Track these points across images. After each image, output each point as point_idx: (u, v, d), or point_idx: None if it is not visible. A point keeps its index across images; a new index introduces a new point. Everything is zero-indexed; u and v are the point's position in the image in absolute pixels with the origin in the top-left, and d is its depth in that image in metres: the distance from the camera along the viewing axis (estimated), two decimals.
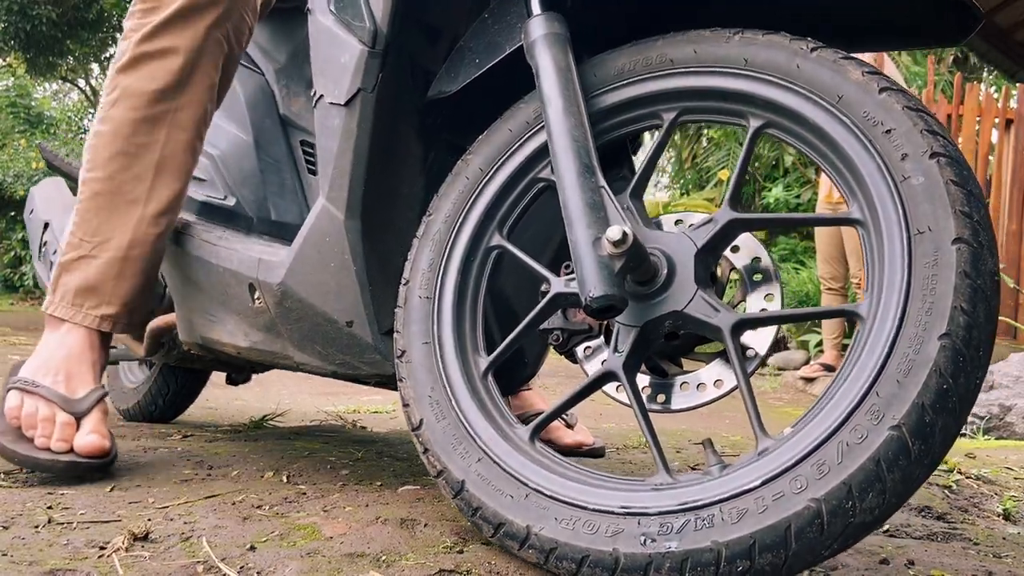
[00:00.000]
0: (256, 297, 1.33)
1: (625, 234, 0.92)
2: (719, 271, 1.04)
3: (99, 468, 1.30)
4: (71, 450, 1.28)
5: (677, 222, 1.05)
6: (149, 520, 1.09)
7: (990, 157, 4.27)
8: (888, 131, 0.88)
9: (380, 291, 1.21)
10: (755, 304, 1.02)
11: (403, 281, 1.11)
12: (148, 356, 1.75)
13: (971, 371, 0.79)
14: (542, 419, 1.05)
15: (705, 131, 9.82)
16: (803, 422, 0.86)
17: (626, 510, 0.87)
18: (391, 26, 1.16)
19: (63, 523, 1.08)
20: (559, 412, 1.07)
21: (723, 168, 8.67)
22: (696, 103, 1.04)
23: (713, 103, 1.02)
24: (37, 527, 1.06)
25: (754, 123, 0.99)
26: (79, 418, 1.32)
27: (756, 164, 8.99)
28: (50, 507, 1.16)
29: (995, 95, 4.21)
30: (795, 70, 0.94)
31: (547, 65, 1.03)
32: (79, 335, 1.39)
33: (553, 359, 1.82)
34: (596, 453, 1.71)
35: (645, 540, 0.84)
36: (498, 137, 1.14)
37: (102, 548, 0.98)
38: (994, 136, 4.25)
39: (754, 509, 0.81)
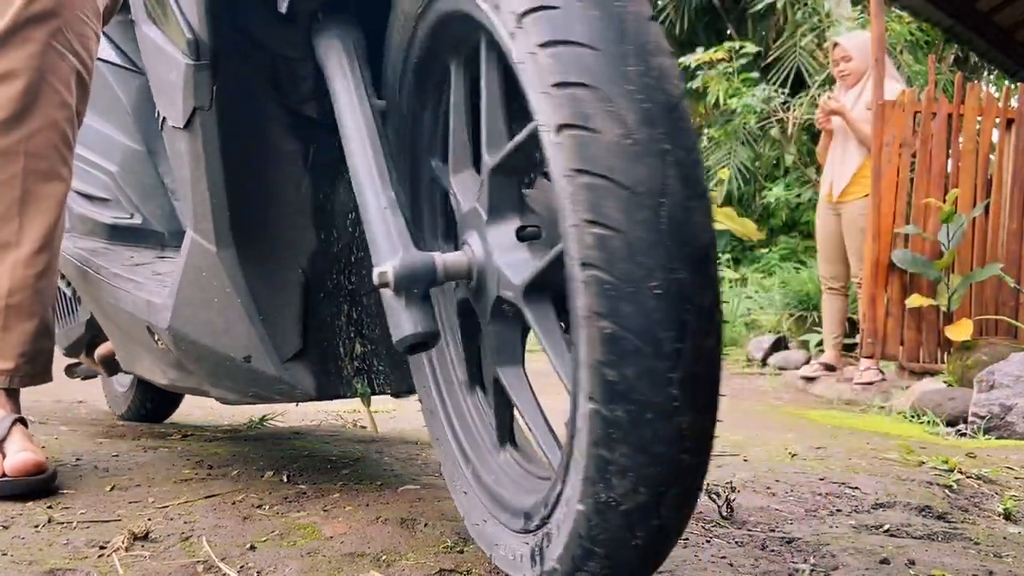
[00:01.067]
0: (156, 339, 1.27)
1: (383, 274, 0.83)
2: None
3: (39, 484, 1.20)
4: (3, 475, 1.19)
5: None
6: (149, 520, 1.09)
7: (991, 156, 4.26)
8: None
9: (275, 317, 1.09)
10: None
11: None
12: (110, 375, 1.74)
13: None
14: None
15: (706, 130, 9.81)
16: None
17: None
18: (211, 32, 0.98)
19: (63, 523, 1.08)
20: None
21: (723, 167, 8.66)
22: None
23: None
24: (37, 527, 1.06)
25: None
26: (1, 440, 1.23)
27: (757, 163, 8.98)
28: (50, 507, 1.16)
29: (996, 95, 4.21)
30: None
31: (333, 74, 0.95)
32: None
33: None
34: None
35: None
36: None
37: (102, 548, 0.98)
38: (995, 136, 4.25)
39: None
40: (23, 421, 1.29)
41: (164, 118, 1.10)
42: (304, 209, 1.12)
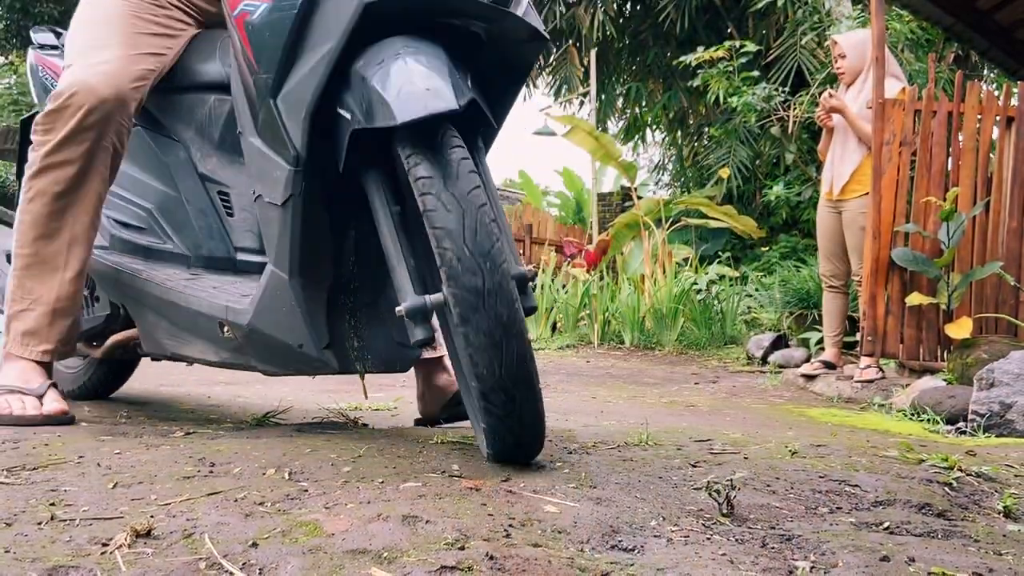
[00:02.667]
0: (225, 330, 1.80)
1: (399, 310, 1.44)
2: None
3: (67, 421, 1.89)
4: (44, 416, 1.85)
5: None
6: (152, 517, 1.09)
7: (991, 155, 4.26)
8: None
9: (316, 322, 1.67)
10: None
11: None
12: (104, 358, 2.35)
13: None
14: None
15: (706, 129, 9.81)
16: None
17: None
18: (307, 155, 1.53)
19: (66, 520, 1.08)
20: None
21: (723, 165, 8.67)
22: None
23: None
24: (40, 524, 1.06)
25: None
26: (40, 397, 1.89)
27: (757, 162, 8.99)
28: (53, 504, 1.16)
29: (996, 93, 4.21)
30: None
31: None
32: (29, 364, 1.94)
33: None
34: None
35: None
36: None
37: (105, 545, 0.98)
38: (995, 134, 4.25)
39: None
40: (55, 385, 1.95)
41: (260, 195, 1.64)
42: (330, 257, 1.71)
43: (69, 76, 1.84)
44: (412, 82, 1.39)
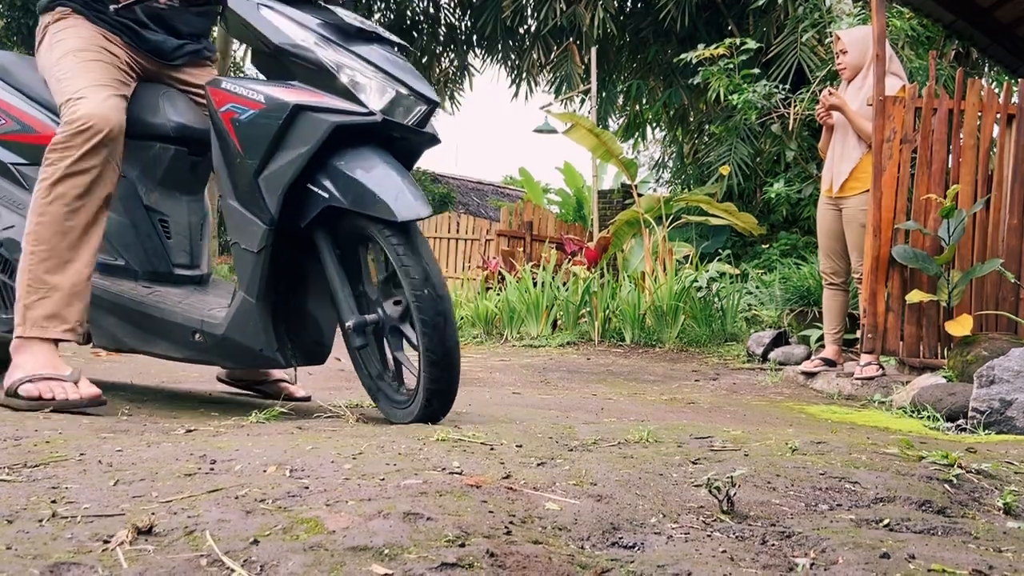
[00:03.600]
0: (197, 336, 2.32)
1: (347, 325, 2.19)
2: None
3: (100, 403, 2.17)
4: (81, 398, 2.14)
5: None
6: (153, 514, 1.09)
7: (991, 152, 4.26)
8: None
9: (271, 333, 2.24)
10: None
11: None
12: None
13: None
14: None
15: (707, 126, 9.81)
16: None
17: None
18: (279, 218, 2.13)
19: (67, 517, 1.09)
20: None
21: (724, 163, 8.66)
22: None
23: None
24: (41, 521, 1.07)
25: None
26: (75, 382, 2.16)
27: (757, 159, 8.98)
28: (54, 501, 1.16)
29: (997, 90, 4.20)
30: None
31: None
32: (46, 347, 2.21)
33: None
34: (306, 399, 2.83)
35: None
36: None
37: (106, 542, 0.99)
38: (996, 131, 4.24)
39: None
40: (80, 371, 2.24)
41: (237, 243, 2.20)
42: (284, 284, 2.28)
43: (85, 107, 2.23)
44: (403, 190, 2.03)
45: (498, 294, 7.40)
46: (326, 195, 2.08)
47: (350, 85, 2.07)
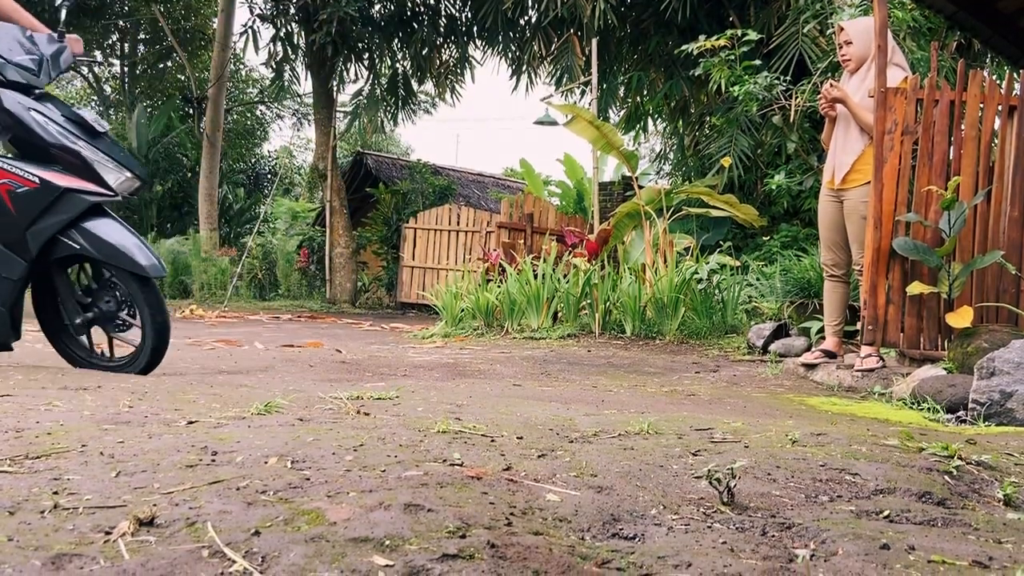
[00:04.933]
0: None
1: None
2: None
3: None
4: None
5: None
6: (155, 505, 1.09)
7: (993, 144, 4.25)
8: None
9: (8, 328, 3.09)
10: None
11: None
12: None
13: None
14: None
15: (708, 118, 9.79)
16: None
17: None
18: (36, 255, 3.03)
19: (69, 508, 1.09)
20: None
21: (725, 155, 8.65)
22: None
23: None
24: (43, 512, 1.07)
25: None
26: None
27: (758, 151, 8.97)
28: (56, 492, 1.16)
29: (998, 82, 4.19)
30: None
31: None
32: None
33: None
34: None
35: None
36: None
37: (108, 533, 0.99)
38: (997, 123, 4.23)
39: None
40: None
41: (3, 274, 3.04)
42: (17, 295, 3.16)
43: None
44: (146, 253, 3.04)
45: (499, 286, 7.40)
46: (77, 246, 3.01)
47: (100, 172, 3.03)
